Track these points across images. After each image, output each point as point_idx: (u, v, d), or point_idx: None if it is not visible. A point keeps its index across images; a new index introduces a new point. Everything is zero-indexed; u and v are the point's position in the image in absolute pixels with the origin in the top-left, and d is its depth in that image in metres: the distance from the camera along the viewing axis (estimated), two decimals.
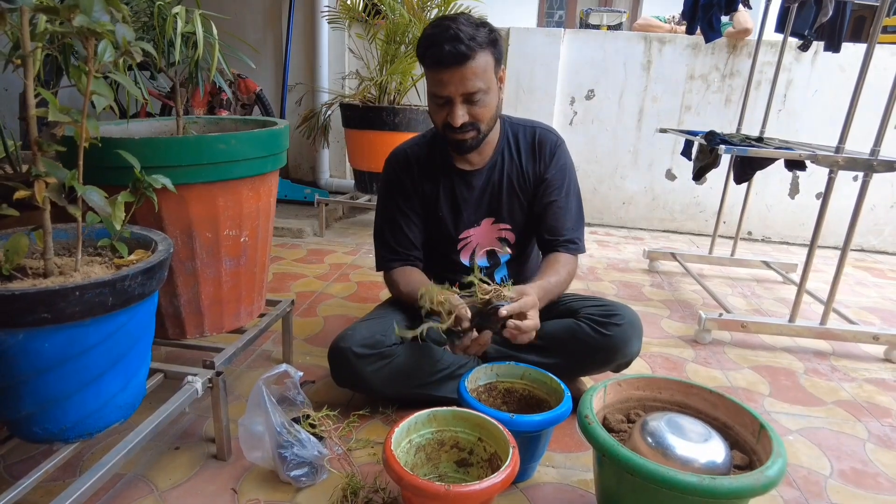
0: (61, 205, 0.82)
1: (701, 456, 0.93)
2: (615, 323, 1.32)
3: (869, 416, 1.52)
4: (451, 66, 1.20)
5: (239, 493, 1.11)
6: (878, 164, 1.68)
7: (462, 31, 1.18)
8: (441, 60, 1.20)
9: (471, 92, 1.23)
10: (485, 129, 1.31)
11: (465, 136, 1.29)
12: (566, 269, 1.39)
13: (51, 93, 0.81)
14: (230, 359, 1.22)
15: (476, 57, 1.20)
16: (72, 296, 0.79)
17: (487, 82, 1.24)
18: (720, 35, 2.88)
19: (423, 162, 1.45)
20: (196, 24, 1.15)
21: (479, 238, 1.49)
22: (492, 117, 1.31)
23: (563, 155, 1.45)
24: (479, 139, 1.32)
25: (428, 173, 1.44)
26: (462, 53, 1.18)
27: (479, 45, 1.20)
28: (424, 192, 1.45)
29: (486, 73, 1.23)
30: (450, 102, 1.25)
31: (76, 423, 0.90)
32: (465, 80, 1.21)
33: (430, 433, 1.10)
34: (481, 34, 1.21)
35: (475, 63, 1.20)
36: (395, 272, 1.44)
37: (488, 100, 1.26)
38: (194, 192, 1.16)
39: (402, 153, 1.47)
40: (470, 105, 1.25)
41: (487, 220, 1.47)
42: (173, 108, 2.97)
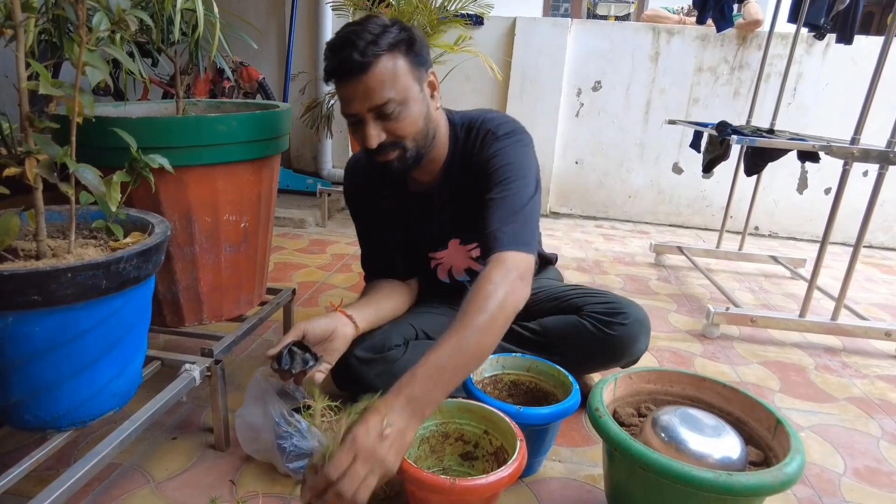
0: (53, 182, 0.79)
1: (715, 451, 0.90)
2: (620, 322, 1.27)
3: (882, 413, 1.49)
4: (348, 77, 1.03)
5: (237, 484, 1.08)
6: (894, 155, 1.64)
7: (360, 37, 1.01)
8: (337, 72, 1.04)
9: (378, 105, 1.03)
10: (412, 145, 1.10)
11: (387, 157, 1.10)
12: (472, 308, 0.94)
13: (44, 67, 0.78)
14: (229, 347, 1.19)
15: (378, 63, 1.01)
16: (64, 277, 0.76)
17: (401, 91, 1.04)
18: (732, 24, 2.83)
19: (375, 179, 1.30)
20: (196, 1, 1.11)
21: (450, 260, 1.39)
22: (418, 131, 1.10)
23: (498, 144, 1.16)
24: (409, 159, 1.12)
25: (383, 190, 1.30)
26: (357, 63, 1.00)
27: (381, 49, 1.01)
28: (383, 210, 1.33)
29: (396, 80, 1.03)
30: (361, 121, 1.06)
31: (69, 411, 0.87)
32: (368, 92, 1.02)
33: (435, 425, 1.07)
34: (387, 37, 1.03)
35: (378, 70, 1.01)
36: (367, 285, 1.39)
37: (407, 112, 1.06)
38: (193, 175, 1.12)
39: (357, 165, 1.34)
40: (384, 120, 1.06)
41: (454, 242, 1.35)
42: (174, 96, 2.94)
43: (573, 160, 3.45)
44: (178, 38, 1.10)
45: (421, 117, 1.10)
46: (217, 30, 1.20)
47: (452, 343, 0.90)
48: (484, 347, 0.94)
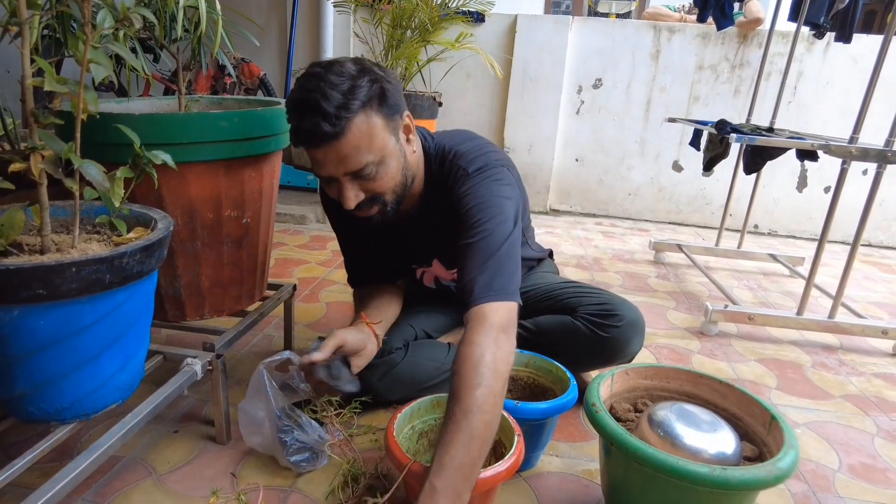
0: (57, 177, 0.80)
1: (710, 446, 0.91)
2: (613, 324, 1.27)
3: (878, 410, 1.50)
4: (319, 145, 0.96)
5: (238, 477, 1.10)
6: (892, 154, 1.65)
7: (329, 98, 0.92)
8: (306, 140, 0.97)
9: (356, 170, 0.98)
10: (392, 198, 1.06)
11: (367, 212, 1.06)
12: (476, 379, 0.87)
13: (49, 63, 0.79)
14: (230, 342, 1.20)
15: (351, 129, 0.94)
16: (68, 272, 0.77)
17: (378, 151, 0.99)
18: (732, 23, 2.83)
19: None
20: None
21: (435, 271, 1.40)
22: (397, 184, 1.06)
23: (469, 182, 1.08)
24: (389, 210, 1.08)
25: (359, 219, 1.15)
26: (328, 133, 0.93)
27: (354, 112, 0.94)
28: (360, 228, 1.28)
29: (371, 141, 0.97)
30: (335, 181, 1.01)
31: (72, 404, 0.88)
32: (343, 159, 0.97)
33: (434, 419, 1.08)
34: (358, 93, 0.95)
35: (351, 136, 0.95)
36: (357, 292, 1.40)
37: (385, 169, 1.01)
38: (195, 171, 1.13)
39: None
40: (362, 181, 1.01)
41: (436, 261, 1.36)
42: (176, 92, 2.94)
43: (573, 157, 3.46)
44: (181, 35, 1.11)
45: (399, 171, 1.05)
46: (219, 27, 1.20)
47: (462, 438, 0.83)
48: (492, 424, 0.87)
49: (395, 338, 1.29)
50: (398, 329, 1.33)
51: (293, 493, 1.07)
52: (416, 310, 1.42)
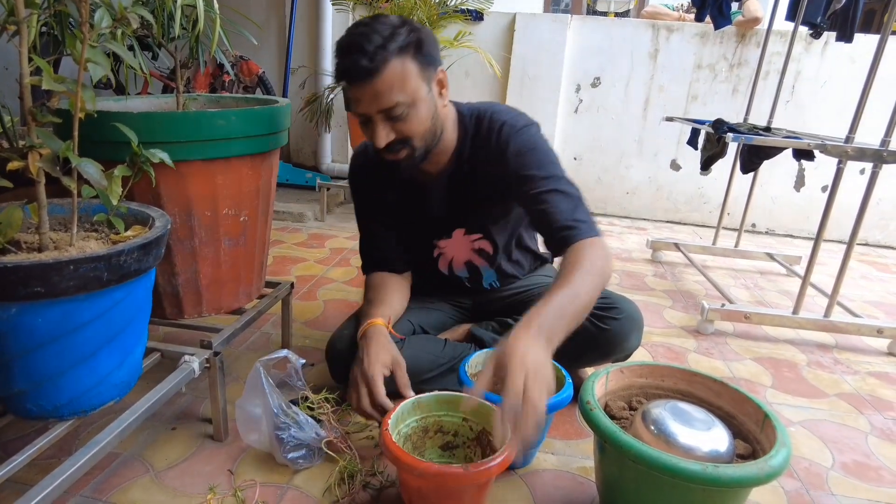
0: (55, 176, 0.80)
1: (704, 444, 0.92)
2: (613, 317, 1.28)
3: (872, 409, 1.51)
4: (358, 81, 1.04)
5: (235, 474, 1.10)
6: (888, 154, 1.66)
7: (370, 40, 1.02)
8: (346, 75, 1.06)
9: (387, 108, 1.06)
10: (420, 144, 1.13)
11: (396, 156, 1.14)
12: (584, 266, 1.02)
13: (47, 62, 0.79)
14: (228, 339, 1.20)
15: (387, 68, 1.03)
16: (66, 269, 0.77)
17: (410, 94, 1.06)
18: (730, 22, 2.84)
19: (382, 167, 1.28)
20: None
21: (453, 250, 1.41)
22: (426, 130, 1.13)
23: (522, 137, 1.20)
24: (417, 157, 1.15)
25: (388, 180, 1.31)
26: (367, 69, 1.02)
27: (391, 54, 1.03)
28: (388, 198, 1.35)
29: (404, 83, 1.05)
30: (370, 121, 1.10)
31: (70, 401, 0.89)
32: (377, 96, 1.05)
33: (415, 421, 1.08)
34: (397, 39, 1.04)
35: (387, 75, 1.03)
36: (370, 278, 1.39)
37: (415, 113, 1.09)
38: (193, 169, 1.14)
39: (364, 153, 1.36)
40: (393, 122, 1.09)
41: (458, 231, 1.37)
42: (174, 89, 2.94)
43: (572, 156, 3.46)
44: (179, 34, 1.11)
45: (429, 117, 1.12)
46: (217, 25, 1.21)
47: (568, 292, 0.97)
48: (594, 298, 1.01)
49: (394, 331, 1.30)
50: (397, 323, 1.34)
51: (290, 490, 1.07)
52: (415, 306, 1.43)
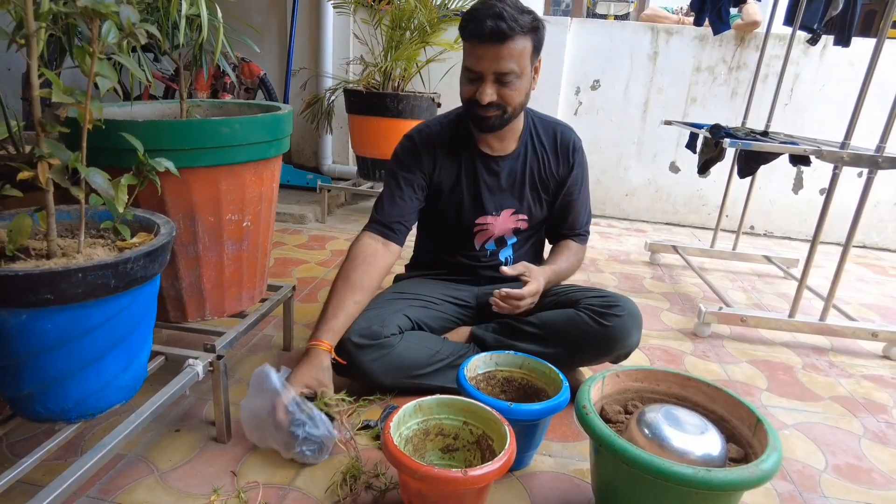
0: (64, 186, 0.82)
1: (697, 448, 0.94)
2: (615, 314, 1.33)
3: (865, 412, 1.53)
4: (489, 42, 1.22)
5: (238, 475, 1.12)
6: (882, 160, 1.67)
7: (506, 11, 1.20)
8: (480, 35, 1.22)
9: (503, 72, 1.24)
10: (510, 112, 1.31)
11: (488, 113, 1.30)
12: (577, 256, 1.54)
13: (54, 73, 0.81)
14: (231, 343, 1.23)
15: (515, 39, 1.22)
16: (74, 277, 0.80)
17: (522, 67, 1.25)
18: (729, 27, 2.85)
19: (446, 140, 1.45)
20: (201, 7, 1.14)
21: (496, 227, 1.50)
22: (520, 103, 1.32)
23: (583, 156, 1.52)
24: (503, 120, 1.33)
25: (450, 152, 1.45)
26: (502, 31, 1.20)
27: (521, 28, 1.22)
28: (443, 171, 1.45)
29: (522, 57, 1.24)
30: (481, 79, 1.26)
31: (78, 404, 0.91)
32: (499, 58, 1.23)
33: (416, 423, 1.10)
34: (525, 19, 1.22)
35: (513, 44, 1.22)
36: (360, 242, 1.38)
37: (519, 84, 1.28)
38: (197, 176, 1.16)
39: (427, 129, 1.47)
40: (500, 86, 1.26)
41: (507, 211, 1.49)
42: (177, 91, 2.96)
43: None
44: (183, 43, 1.13)
45: (525, 92, 1.32)
46: (220, 34, 1.23)
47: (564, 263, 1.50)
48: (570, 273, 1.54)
49: (391, 324, 1.32)
50: (394, 315, 1.36)
51: (292, 491, 1.09)
52: (419, 303, 1.45)
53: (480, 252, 1.54)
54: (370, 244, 1.39)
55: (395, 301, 1.42)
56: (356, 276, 1.33)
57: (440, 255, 1.58)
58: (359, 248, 1.38)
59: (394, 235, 1.41)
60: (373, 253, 1.37)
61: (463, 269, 1.56)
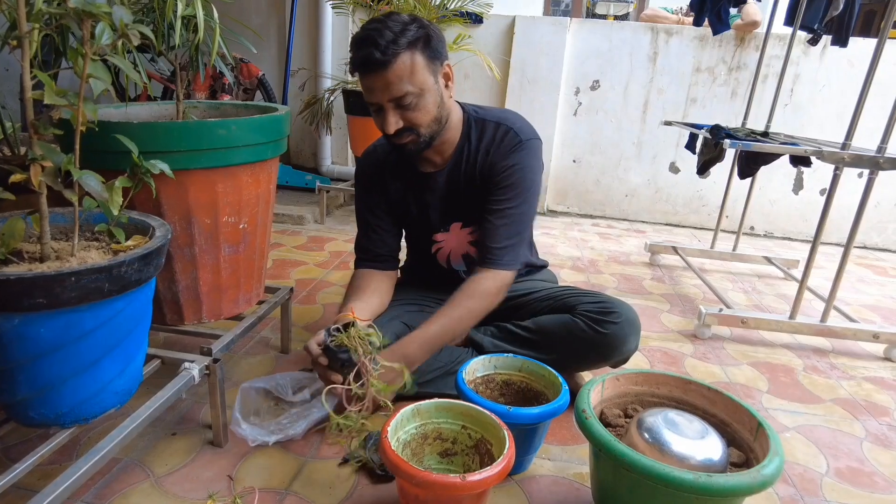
0: (57, 189, 0.81)
1: (698, 453, 0.93)
2: (612, 321, 1.31)
3: (867, 414, 1.52)
4: (370, 72, 1.15)
5: (235, 479, 1.12)
6: (884, 161, 1.66)
7: (382, 36, 1.13)
8: (360, 66, 1.16)
9: (398, 97, 1.17)
10: (425, 132, 1.24)
11: (402, 140, 1.24)
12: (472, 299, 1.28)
13: (48, 75, 0.80)
14: (228, 346, 1.22)
15: (397, 61, 1.14)
16: (68, 281, 0.79)
17: (418, 84, 1.17)
18: (728, 27, 2.84)
19: (391, 162, 1.41)
20: (197, 7, 1.13)
21: (450, 243, 1.46)
22: (432, 119, 1.23)
23: (523, 155, 1.31)
24: (421, 143, 1.25)
25: (397, 173, 1.41)
26: (377, 60, 1.13)
27: (401, 48, 1.13)
28: (394, 192, 1.42)
29: (413, 75, 1.16)
30: (381, 109, 1.20)
31: (72, 408, 0.90)
32: (388, 85, 1.15)
33: (414, 428, 1.09)
34: (407, 34, 1.14)
35: (397, 67, 1.14)
36: (357, 273, 1.45)
37: (423, 102, 1.20)
38: (193, 178, 1.15)
39: (374, 151, 1.45)
40: (402, 110, 1.19)
41: (456, 225, 1.43)
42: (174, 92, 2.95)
43: (571, 159, 3.47)
44: (179, 44, 1.12)
45: (435, 107, 1.23)
46: (217, 34, 1.22)
47: (442, 323, 1.25)
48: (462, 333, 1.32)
49: (387, 332, 1.31)
50: (390, 323, 1.35)
51: (289, 496, 1.08)
52: (411, 308, 1.44)
53: (449, 271, 1.50)
54: (366, 274, 1.43)
55: (391, 308, 1.41)
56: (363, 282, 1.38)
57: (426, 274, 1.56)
58: (360, 280, 1.41)
59: (384, 264, 1.45)
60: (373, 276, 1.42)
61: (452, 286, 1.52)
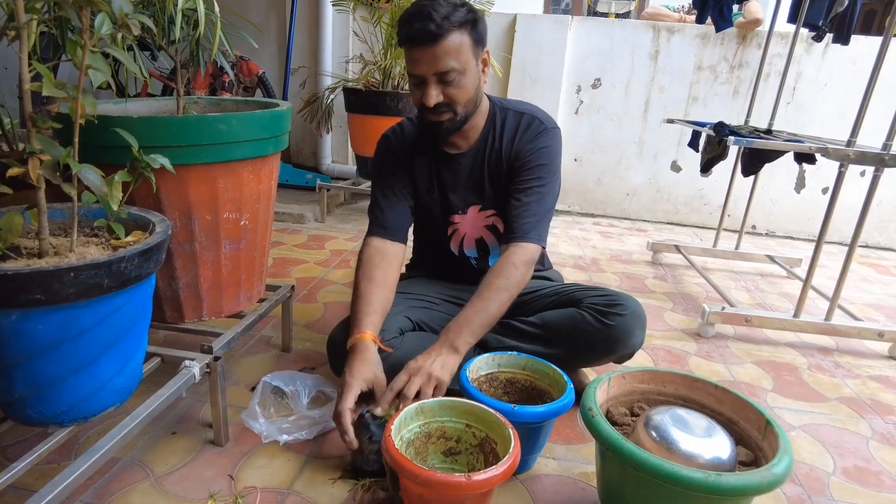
0: (56, 183, 0.80)
1: (706, 451, 0.92)
2: (618, 313, 1.30)
3: (872, 413, 1.51)
4: (422, 44, 1.18)
5: (236, 479, 1.10)
6: (889, 158, 1.65)
7: (436, 11, 1.16)
8: (412, 38, 1.18)
9: (443, 71, 1.19)
10: (461, 111, 1.27)
11: (440, 117, 1.26)
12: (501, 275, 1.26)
13: (47, 67, 0.79)
14: (229, 344, 1.20)
15: (449, 36, 1.17)
16: (66, 277, 0.77)
17: (463, 63, 1.20)
18: (731, 24, 2.83)
19: (418, 140, 1.42)
20: (198, 1, 1.12)
21: (466, 226, 1.46)
22: (469, 100, 1.27)
23: (549, 139, 1.36)
24: (457, 122, 1.28)
25: (419, 153, 1.42)
26: (432, 32, 1.16)
27: (454, 25, 1.17)
28: (417, 170, 1.43)
29: (460, 53, 1.19)
30: (424, 82, 1.22)
31: (71, 407, 0.89)
32: (436, 59, 1.18)
33: (418, 426, 1.08)
34: (458, 14, 1.18)
35: (447, 42, 1.17)
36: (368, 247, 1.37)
37: (464, 81, 1.23)
38: (194, 174, 1.14)
39: (400, 131, 1.45)
40: (444, 85, 1.22)
41: (474, 208, 1.44)
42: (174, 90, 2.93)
43: (572, 157, 3.46)
44: (180, 38, 1.11)
45: (473, 88, 1.26)
46: (218, 29, 1.20)
47: (479, 305, 1.23)
48: (500, 312, 1.26)
49: (392, 327, 1.30)
50: (395, 318, 1.34)
51: (291, 495, 1.07)
52: (418, 303, 1.43)
53: (460, 258, 1.50)
54: (379, 246, 1.38)
55: (396, 301, 1.40)
56: (379, 273, 1.33)
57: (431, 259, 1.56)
58: (371, 251, 1.37)
59: (396, 235, 1.40)
60: (385, 252, 1.37)
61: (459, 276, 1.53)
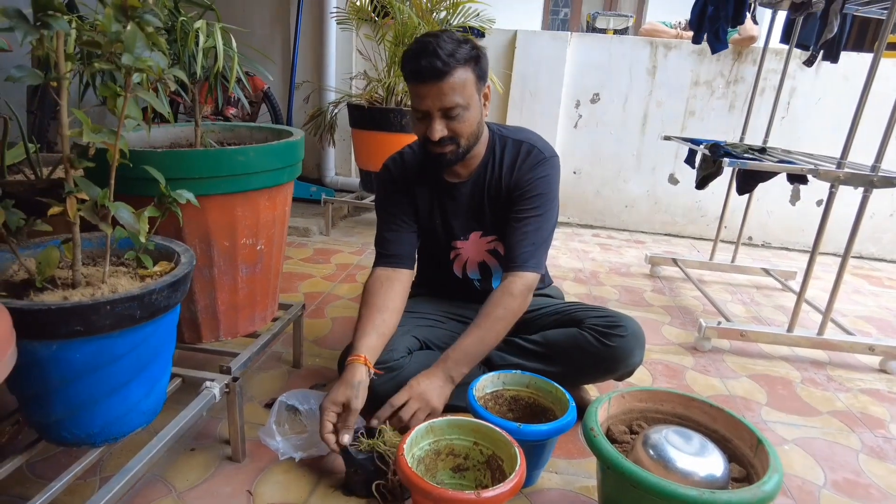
0: (94, 223, 0.86)
1: (700, 469, 0.97)
2: (619, 334, 1.36)
3: (863, 426, 1.56)
4: (428, 80, 1.22)
5: (254, 495, 1.15)
6: (877, 180, 1.72)
7: (441, 48, 1.20)
8: (418, 74, 1.22)
9: (448, 107, 1.24)
10: (465, 143, 1.31)
11: (443, 149, 1.30)
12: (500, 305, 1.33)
13: (84, 114, 0.84)
14: (245, 363, 1.26)
15: (454, 73, 1.22)
16: (103, 310, 0.83)
17: (467, 98, 1.25)
18: (726, 46, 2.90)
19: (418, 168, 1.46)
20: (216, 39, 1.18)
21: (468, 251, 1.52)
22: (472, 133, 1.31)
23: (548, 168, 1.40)
24: (460, 154, 1.33)
25: (423, 181, 1.47)
26: (438, 69, 1.20)
27: (458, 62, 1.22)
28: (420, 197, 1.47)
29: (465, 89, 1.24)
30: (428, 116, 1.26)
31: (103, 428, 0.94)
32: (442, 95, 1.22)
33: (428, 444, 1.13)
34: (462, 51, 1.23)
35: (453, 79, 1.22)
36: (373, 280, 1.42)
37: (468, 115, 1.27)
38: (213, 203, 1.19)
39: (401, 159, 1.49)
40: (448, 120, 1.26)
41: (475, 234, 1.49)
42: (181, 105, 2.99)
43: (571, 170, 3.52)
44: (201, 75, 1.17)
45: (476, 122, 1.31)
46: (235, 63, 1.26)
47: (477, 335, 1.31)
48: (497, 340, 1.34)
49: (400, 348, 1.36)
50: (403, 339, 1.39)
51: None
52: (425, 322, 1.49)
53: (463, 280, 1.56)
54: (381, 274, 1.43)
55: (404, 320, 1.45)
56: (378, 300, 1.37)
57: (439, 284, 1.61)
58: (372, 281, 1.42)
59: (401, 262, 1.45)
60: (387, 278, 1.41)
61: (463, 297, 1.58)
